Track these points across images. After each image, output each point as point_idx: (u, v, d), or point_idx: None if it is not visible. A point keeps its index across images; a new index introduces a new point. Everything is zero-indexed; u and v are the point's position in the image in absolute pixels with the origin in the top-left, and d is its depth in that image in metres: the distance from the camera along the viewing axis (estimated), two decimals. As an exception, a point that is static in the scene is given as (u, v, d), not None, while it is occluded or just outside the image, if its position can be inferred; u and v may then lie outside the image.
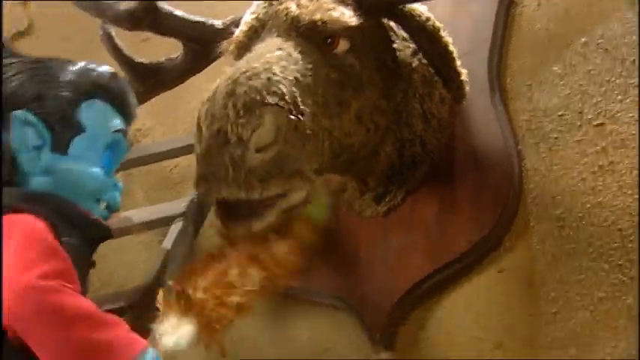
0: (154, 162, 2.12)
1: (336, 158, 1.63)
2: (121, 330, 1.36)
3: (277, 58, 1.50)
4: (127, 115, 1.68)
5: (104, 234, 1.61)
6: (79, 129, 1.61)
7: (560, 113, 1.77)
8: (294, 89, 1.47)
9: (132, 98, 1.70)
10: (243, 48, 1.64)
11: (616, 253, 1.63)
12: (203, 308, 1.42)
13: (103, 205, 1.61)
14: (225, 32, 1.75)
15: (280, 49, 1.53)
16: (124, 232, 1.92)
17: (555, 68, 1.79)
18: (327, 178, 1.78)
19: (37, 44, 2.60)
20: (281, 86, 1.44)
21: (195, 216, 1.90)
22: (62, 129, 1.60)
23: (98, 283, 2.01)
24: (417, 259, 1.79)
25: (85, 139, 1.61)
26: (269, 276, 1.50)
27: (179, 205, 1.94)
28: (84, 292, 1.47)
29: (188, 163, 2.13)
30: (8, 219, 1.43)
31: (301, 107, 1.46)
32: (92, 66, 1.67)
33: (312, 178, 1.50)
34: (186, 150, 2.04)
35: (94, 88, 1.64)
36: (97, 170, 1.61)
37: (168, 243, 1.88)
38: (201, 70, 1.85)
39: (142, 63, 1.83)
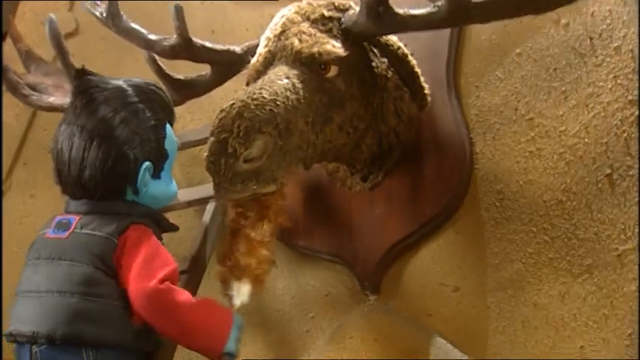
0: (186, 148, 2.36)
1: (320, 157, 1.93)
2: (215, 308, 1.75)
3: (283, 88, 1.79)
4: (173, 125, 1.95)
5: (174, 230, 1.95)
6: (167, 156, 1.88)
7: (500, 109, 1.98)
8: (289, 117, 1.77)
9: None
10: (260, 72, 1.92)
11: (541, 219, 1.87)
12: (250, 269, 1.78)
13: None
14: (244, 57, 2.04)
15: (288, 77, 1.82)
16: (169, 209, 2.18)
17: (497, 72, 2.00)
18: (324, 164, 2.13)
19: (82, 43, 2.77)
20: (278, 118, 1.75)
21: None
22: (159, 160, 1.87)
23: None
24: (395, 224, 2.05)
25: (168, 163, 1.90)
26: (274, 224, 1.82)
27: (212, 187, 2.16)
28: None
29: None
30: (135, 228, 1.77)
31: (291, 129, 1.77)
32: (160, 90, 1.91)
33: (283, 182, 1.81)
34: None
35: (167, 116, 1.89)
36: (173, 185, 1.90)
37: (206, 218, 2.12)
38: (223, 83, 2.14)
39: (179, 79, 2.10)
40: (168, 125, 1.91)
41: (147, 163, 1.84)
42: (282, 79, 1.84)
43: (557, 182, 1.87)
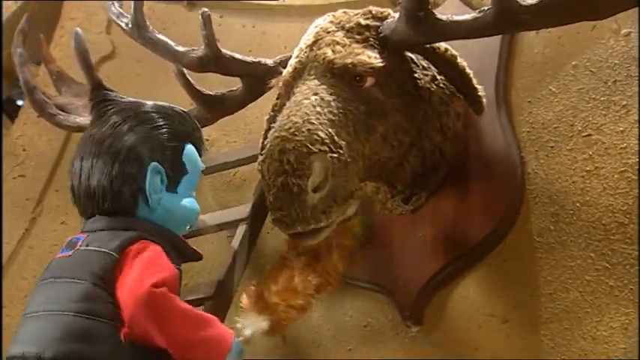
0: (221, 170, 2.32)
1: (368, 172, 1.85)
2: (216, 326, 1.62)
3: (312, 106, 1.74)
4: (201, 152, 1.87)
5: (196, 259, 1.83)
6: (185, 171, 1.80)
7: (555, 126, 1.92)
8: (330, 130, 1.70)
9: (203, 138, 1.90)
10: (289, 86, 1.86)
11: (600, 244, 1.80)
12: (275, 310, 1.72)
13: (188, 226, 1.84)
14: (276, 69, 1.97)
15: (315, 94, 1.76)
16: (200, 233, 2.14)
17: (551, 87, 1.95)
18: (363, 183, 1.99)
19: (118, 66, 2.78)
20: (320, 133, 1.68)
21: (255, 221, 2.11)
22: (175, 173, 1.78)
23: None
24: (439, 249, 1.98)
25: (187, 179, 1.80)
26: (322, 282, 1.77)
27: (244, 210, 2.13)
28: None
29: (248, 168, 2.34)
30: (141, 244, 1.67)
31: (338, 142, 1.70)
32: (178, 111, 1.84)
33: (361, 194, 1.77)
34: (249, 160, 2.26)
35: (188, 136, 1.82)
36: (193, 203, 1.81)
37: (235, 243, 2.05)
38: (256, 99, 2.07)
39: (209, 94, 2.03)
40: (189, 144, 1.84)
41: (154, 164, 1.75)
42: (308, 96, 1.78)
43: (617, 203, 1.80)
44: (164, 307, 1.58)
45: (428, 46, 1.88)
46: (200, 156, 1.86)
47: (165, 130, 1.79)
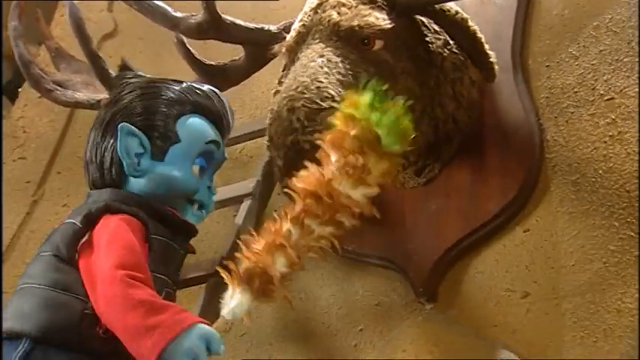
0: (230, 145, 2.15)
1: None
2: (170, 313, 1.42)
3: (320, 67, 1.67)
4: (222, 128, 1.77)
5: (191, 232, 1.71)
6: (176, 139, 1.70)
7: (575, 90, 1.86)
8: (339, 89, 1.63)
9: (228, 114, 1.79)
10: (293, 52, 1.80)
11: (624, 212, 1.72)
12: (252, 276, 1.45)
13: (195, 206, 1.72)
14: (280, 36, 1.89)
15: (322, 56, 1.69)
16: None
17: (571, 50, 1.89)
18: None
19: (120, 44, 2.71)
20: (330, 90, 1.62)
21: (261, 195, 2.04)
22: (161, 139, 1.69)
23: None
24: (453, 222, 1.90)
25: (179, 148, 1.70)
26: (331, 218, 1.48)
27: (248, 185, 2.06)
28: (172, 275, 1.64)
29: (255, 144, 2.28)
30: (106, 219, 1.57)
31: None
32: (196, 85, 1.77)
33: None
34: (255, 135, 2.19)
35: (192, 106, 1.73)
36: (187, 175, 1.70)
37: (239, 219, 1.99)
38: (260, 69, 1.99)
39: (211, 64, 1.94)
40: (195, 116, 1.74)
41: (123, 124, 1.68)
42: (314, 59, 1.71)
43: None
44: (120, 291, 1.45)
45: (438, 7, 1.80)
46: (223, 138, 1.78)
47: (159, 97, 1.72)
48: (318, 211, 1.47)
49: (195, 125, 1.74)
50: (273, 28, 1.95)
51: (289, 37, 1.84)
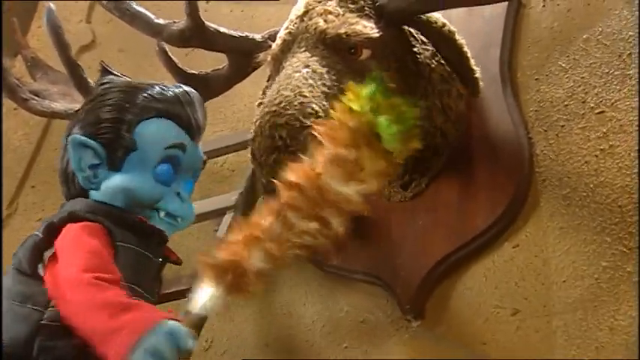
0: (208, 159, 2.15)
1: None
2: (136, 313, 1.37)
3: (304, 79, 1.63)
4: (191, 130, 1.68)
5: (160, 237, 1.63)
6: (133, 147, 1.62)
7: (565, 103, 1.83)
8: (324, 103, 1.60)
9: (198, 114, 1.69)
10: (278, 60, 1.76)
11: (617, 227, 1.70)
12: (225, 269, 1.38)
13: (162, 213, 1.63)
14: (264, 44, 1.86)
15: (307, 66, 1.66)
16: None
17: (560, 63, 1.87)
18: None
19: (99, 56, 2.52)
20: (313, 106, 1.59)
21: (244, 208, 1.97)
22: (117, 148, 1.62)
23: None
24: (441, 237, 1.86)
25: (136, 156, 1.63)
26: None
27: (230, 198, 2.01)
28: (145, 284, 1.56)
29: (237, 158, 2.23)
30: (68, 228, 1.51)
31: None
32: (165, 88, 1.68)
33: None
34: (236, 147, 2.15)
35: (156, 111, 1.65)
36: (146, 184, 1.62)
37: (221, 232, 1.94)
38: (244, 78, 1.95)
39: (193, 73, 1.90)
40: (162, 120, 1.66)
41: (73, 137, 1.61)
42: (299, 69, 1.67)
43: (635, 183, 1.71)
44: (85, 294, 1.40)
45: (425, 19, 1.79)
46: (193, 140, 1.68)
47: (117, 103, 1.64)
48: (302, 205, 1.38)
49: (153, 130, 1.65)
50: (257, 36, 1.92)
51: (275, 45, 1.80)
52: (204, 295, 1.36)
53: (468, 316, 1.84)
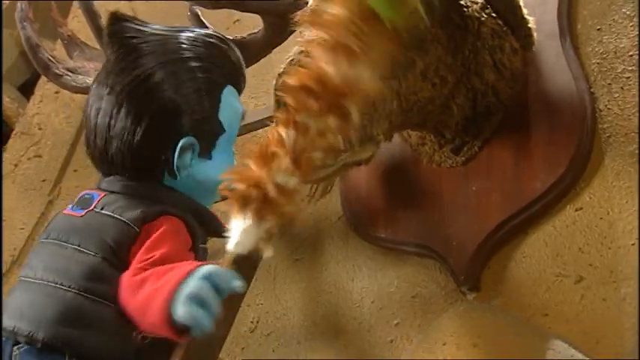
0: (246, 132, 2.04)
1: (405, 115, 1.66)
2: (172, 271, 1.35)
3: None
4: (240, 90, 1.66)
5: (220, 233, 1.52)
6: (220, 131, 1.59)
7: (630, 53, 1.73)
8: None
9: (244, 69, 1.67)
10: None
11: None
12: (247, 199, 1.29)
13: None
14: (300, 3, 1.75)
15: None
16: None
17: (624, 10, 1.76)
18: (407, 136, 1.88)
19: None
20: None
21: None
22: (209, 136, 1.58)
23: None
24: (496, 203, 1.78)
25: (224, 139, 1.60)
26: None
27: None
28: None
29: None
30: (170, 221, 1.48)
31: None
32: (212, 41, 1.62)
33: (379, 140, 1.57)
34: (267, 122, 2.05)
35: (223, 76, 1.60)
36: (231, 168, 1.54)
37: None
38: (281, 42, 1.86)
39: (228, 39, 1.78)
40: (228, 89, 1.61)
41: (185, 140, 1.54)
42: None
43: None
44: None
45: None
46: (239, 93, 1.64)
47: (204, 85, 1.57)
48: (312, 103, 1.26)
49: (231, 104, 1.62)
50: (292, -4, 1.82)
51: (311, 2, 1.67)
52: (235, 232, 1.28)
53: (528, 286, 1.75)
